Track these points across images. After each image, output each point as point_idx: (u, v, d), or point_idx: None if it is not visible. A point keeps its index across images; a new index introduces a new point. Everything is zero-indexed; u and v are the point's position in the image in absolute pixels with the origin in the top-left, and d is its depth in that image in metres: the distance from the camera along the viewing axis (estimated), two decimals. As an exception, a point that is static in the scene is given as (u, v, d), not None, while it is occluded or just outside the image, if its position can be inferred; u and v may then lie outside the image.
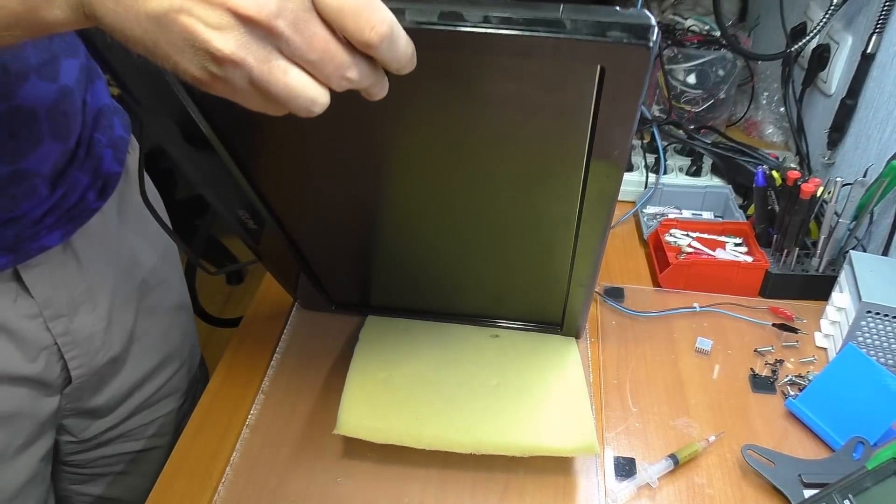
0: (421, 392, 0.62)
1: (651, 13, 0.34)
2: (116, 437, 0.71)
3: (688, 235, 0.82)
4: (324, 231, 0.61)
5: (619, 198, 0.50)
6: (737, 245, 0.81)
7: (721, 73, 1.00)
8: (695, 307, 0.76)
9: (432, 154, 0.48)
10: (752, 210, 0.84)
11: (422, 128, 0.46)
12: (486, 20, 0.34)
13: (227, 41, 0.29)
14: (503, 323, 0.69)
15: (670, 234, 0.83)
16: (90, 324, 0.62)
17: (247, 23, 0.29)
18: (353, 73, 0.32)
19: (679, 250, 0.80)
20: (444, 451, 0.57)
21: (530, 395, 0.62)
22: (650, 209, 0.91)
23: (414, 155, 0.49)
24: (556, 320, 0.68)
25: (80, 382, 0.63)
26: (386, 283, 0.69)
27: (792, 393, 0.66)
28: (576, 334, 0.68)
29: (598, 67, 0.37)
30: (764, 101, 1.08)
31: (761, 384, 0.67)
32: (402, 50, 0.32)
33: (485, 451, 0.57)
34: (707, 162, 0.96)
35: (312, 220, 0.59)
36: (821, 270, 0.76)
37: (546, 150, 0.45)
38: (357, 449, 0.60)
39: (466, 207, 0.53)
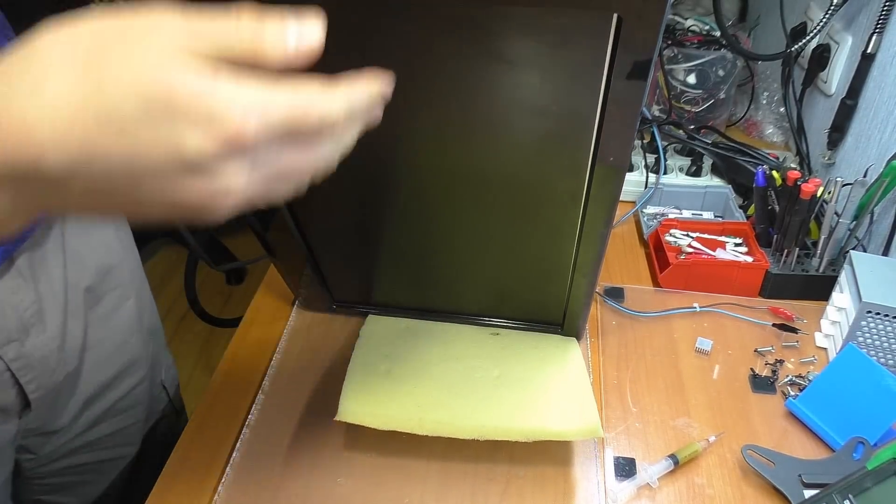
0: (422, 382, 0.62)
1: None
2: (77, 448, 0.69)
3: (688, 235, 0.82)
4: (332, 217, 0.60)
5: (620, 198, 0.50)
6: (737, 245, 0.81)
7: (721, 73, 1.00)
8: (695, 307, 0.76)
9: (445, 124, 0.48)
10: (752, 210, 0.84)
11: (437, 94, 0.45)
12: None
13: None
14: (504, 323, 0.69)
15: (670, 235, 0.83)
16: (42, 344, 0.58)
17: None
18: (333, 155, 0.31)
19: (679, 250, 0.80)
20: (445, 444, 0.57)
21: (532, 382, 0.62)
22: (650, 209, 0.91)
23: (427, 125, 0.48)
24: (556, 319, 0.68)
25: (39, 404, 0.60)
26: (389, 279, 0.69)
27: (792, 393, 0.66)
28: (576, 335, 0.68)
29: (615, 17, 0.37)
30: (764, 101, 1.08)
31: (761, 384, 0.67)
32: (341, 112, 0.29)
33: (488, 436, 0.57)
34: (707, 162, 0.96)
35: (321, 203, 0.58)
36: (821, 270, 0.76)
37: (559, 115, 0.45)
38: (357, 447, 0.60)
39: (476, 184, 0.53)
